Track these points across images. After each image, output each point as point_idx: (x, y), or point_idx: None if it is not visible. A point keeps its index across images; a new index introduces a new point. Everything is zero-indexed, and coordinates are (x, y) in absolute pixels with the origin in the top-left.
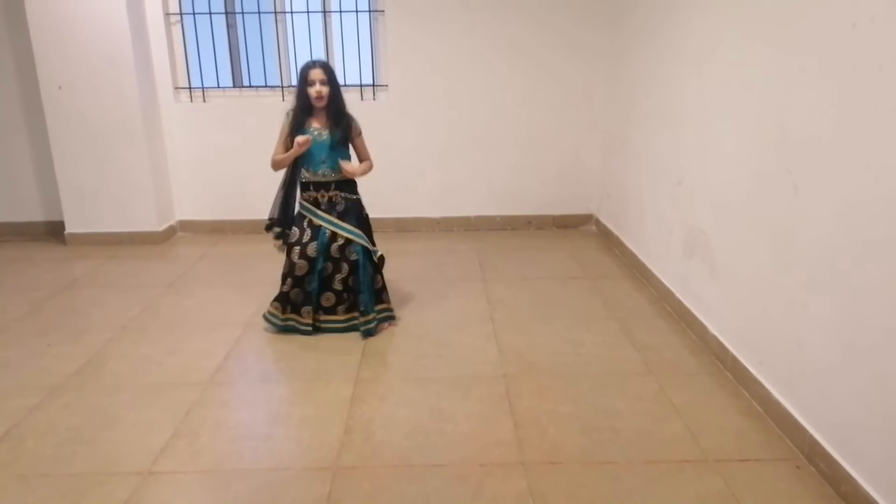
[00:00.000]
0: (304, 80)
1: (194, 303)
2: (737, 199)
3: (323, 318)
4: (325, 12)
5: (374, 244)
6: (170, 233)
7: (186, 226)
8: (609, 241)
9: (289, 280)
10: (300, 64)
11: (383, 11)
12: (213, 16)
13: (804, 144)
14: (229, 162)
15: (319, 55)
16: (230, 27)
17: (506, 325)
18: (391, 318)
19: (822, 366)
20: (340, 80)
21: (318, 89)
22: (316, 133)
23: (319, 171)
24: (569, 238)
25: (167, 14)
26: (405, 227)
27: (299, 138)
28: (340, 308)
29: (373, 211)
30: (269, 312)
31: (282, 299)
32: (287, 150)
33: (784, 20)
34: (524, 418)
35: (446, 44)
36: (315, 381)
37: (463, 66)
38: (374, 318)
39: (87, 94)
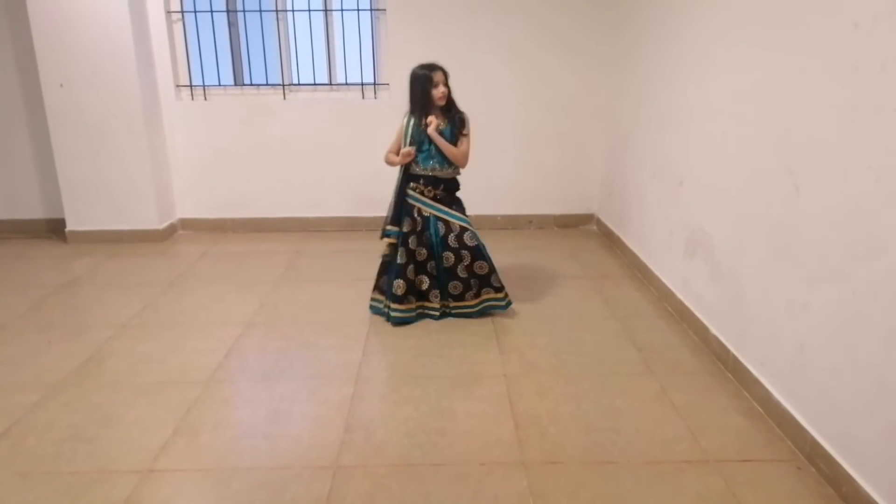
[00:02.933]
0: (429, 82)
1: (195, 301)
2: (738, 199)
3: (453, 304)
4: (326, 11)
5: None
6: (170, 231)
7: (187, 224)
8: (610, 240)
9: (410, 268)
10: (302, 62)
11: (385, 10)
12: (214, 14)
13: (806, 145)
14: (230, 160)
15: (321, 54)
16: (231, 25)
17: (506, 325)
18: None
19: (823, 366)
20: (341, 79)
21: (442, 90)
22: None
23: (428, 166)
24: (570, 237)
25: (168, 12)
26: None
27: (404, 150)
28: (469, 294)
29: (375, 209)
30: (399, 310)
31: (410, 290)
32: (398, 149)
33: (786, 21)
34: (525, 418)
35: (448, 43)
36: (316, 380)
37: (464, 65)
38: (506, 295)
39: (88, 92)
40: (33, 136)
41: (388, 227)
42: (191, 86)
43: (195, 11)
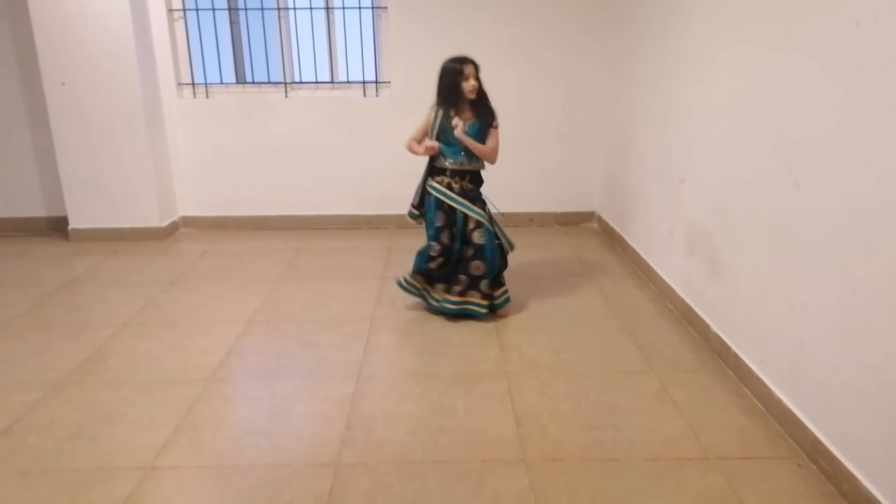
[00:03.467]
0: (459, 75)
1: (196, 299)
2: (738, 197)
3: (445, 296)
4: (327, 9)
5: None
6: (172, 229)
7: (189, 222)
8: (611, 238)
9: (426, 256)
10: (303, 60)
11: (386, 8)
12: (216, 12)
13: (806, 143)
14: (232, 158)
15: (322, 52)
16: (233, 23)
17: (507, 322)
18: (508, 301)
19: (823, 364)
20: (342, 77)
21: (472, 84)
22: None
23: (458, 160)
24: (571, 235)
25: (170, 10)
26: (408, 224)
27: (430, 143)
28: (455, 289)
29: (376, 207)
30: (406, 280)
31: (421, 271)
32: (423, 138)
33: (787, 19)
34: (526, 415)
35: (449, 41)
36: (317, 377)
37: None
38: (490, 305)
39: (89, 91)
40: (35, 134)
41: (411, 210)
42: (192, 84)
43: (197, 9)
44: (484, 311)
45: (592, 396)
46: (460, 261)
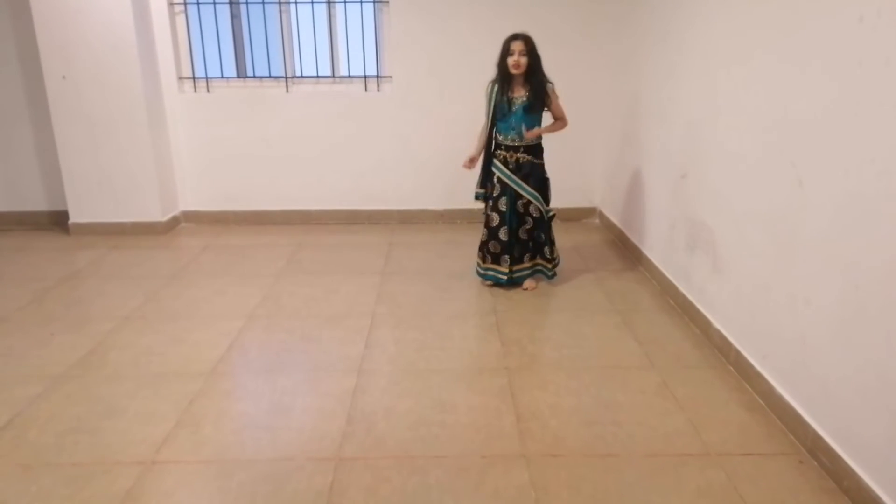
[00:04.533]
0: (506, 51)
1: (197, 293)
2: (740, 192)
3: (514, 267)
4: (329, 2)
5: (548, 204)
6: (173, 223)
7: (190, 216)
8: (612, 234)
9: (485, 231)
10: (304, 55)
11: (388, 2)
12: (217, 5)
13: (809, 138)
14: (232, 153)
15: (323, 46)
16: (234, 17)
17: (508, 318)
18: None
19: (825, 360)
20: (343, 72)
21: (515, 59)
22: (513, 100)
23: (509, 136)
24: (572, 231)
25: (171, 4)
26: (409, 219)
27: (468, 163)
28: (526, 256)
29: (377, 202)
30: (477, 263)
31: (482, 248)
32: (489, 115)
33: (791, 15)
34: (526, 410)
35: (451, 36)
36: (318, 372)
37: (467, 58)
38: (554, 266)
39: (90, 85)
40: (36, 128)
41: (476, 190)
42: (193, 78)
43: (198, 3)
44: (550, 272)
45: (593, 392)
46: (515, 231)
